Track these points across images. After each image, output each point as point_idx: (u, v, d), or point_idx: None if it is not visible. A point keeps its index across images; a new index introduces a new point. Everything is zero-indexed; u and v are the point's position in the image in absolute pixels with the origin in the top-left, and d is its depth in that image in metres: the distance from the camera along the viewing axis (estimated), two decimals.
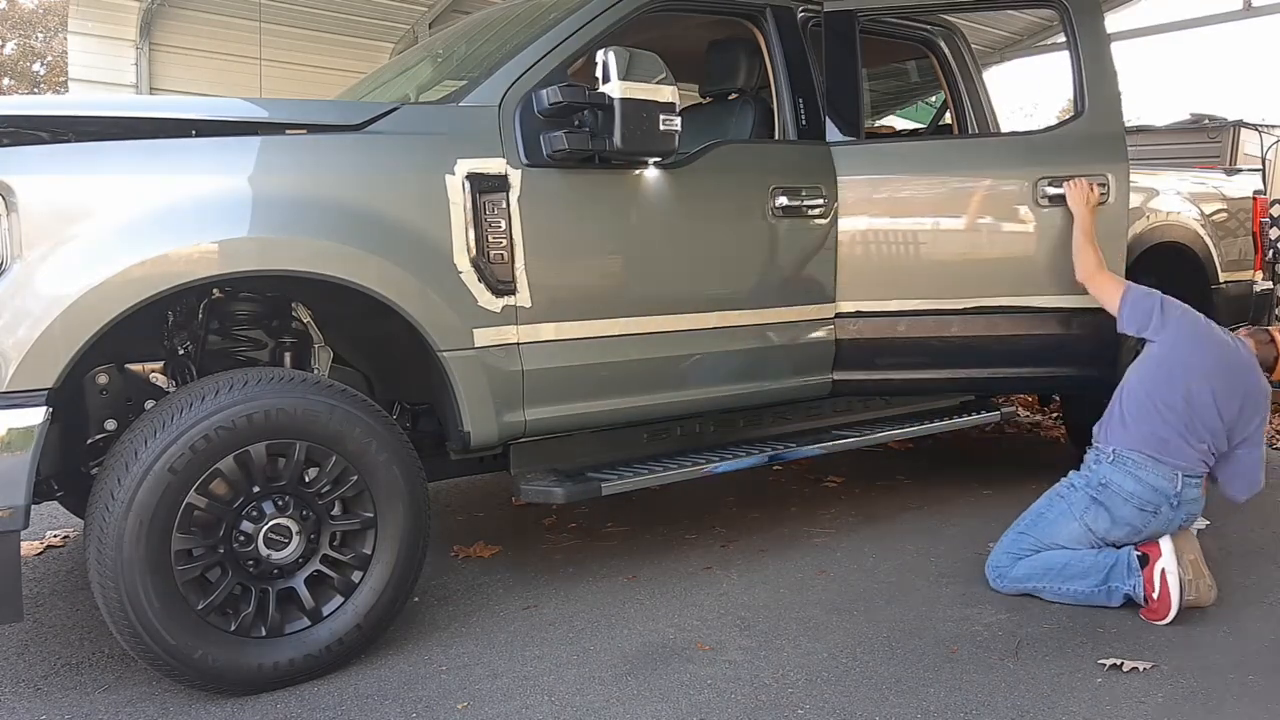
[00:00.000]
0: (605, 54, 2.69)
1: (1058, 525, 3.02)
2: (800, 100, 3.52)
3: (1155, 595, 2.82)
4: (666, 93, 2.75)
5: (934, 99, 6.40)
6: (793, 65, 3.53)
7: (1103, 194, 3.54)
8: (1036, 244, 3.68)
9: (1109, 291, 3.30)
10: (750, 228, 3.30)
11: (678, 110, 2.79)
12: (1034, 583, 2.98)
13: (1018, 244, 3.68)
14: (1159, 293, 3.19)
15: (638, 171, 3.02)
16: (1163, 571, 2.80)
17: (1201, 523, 3.41)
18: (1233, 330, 3.25)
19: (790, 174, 3.38)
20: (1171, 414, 2.95)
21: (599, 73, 2.70)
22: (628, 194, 3.03)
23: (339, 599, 2.54)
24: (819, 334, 3.46)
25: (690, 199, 3.15)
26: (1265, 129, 7.57)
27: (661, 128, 2.75)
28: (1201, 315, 3.17)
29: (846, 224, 3.48)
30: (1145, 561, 2.84)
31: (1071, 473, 3.12)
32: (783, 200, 3.32)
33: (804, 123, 3.52)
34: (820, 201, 3.41)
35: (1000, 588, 3.05)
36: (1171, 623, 2.86)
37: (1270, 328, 3.33)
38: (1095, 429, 3.14)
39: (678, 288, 3.14)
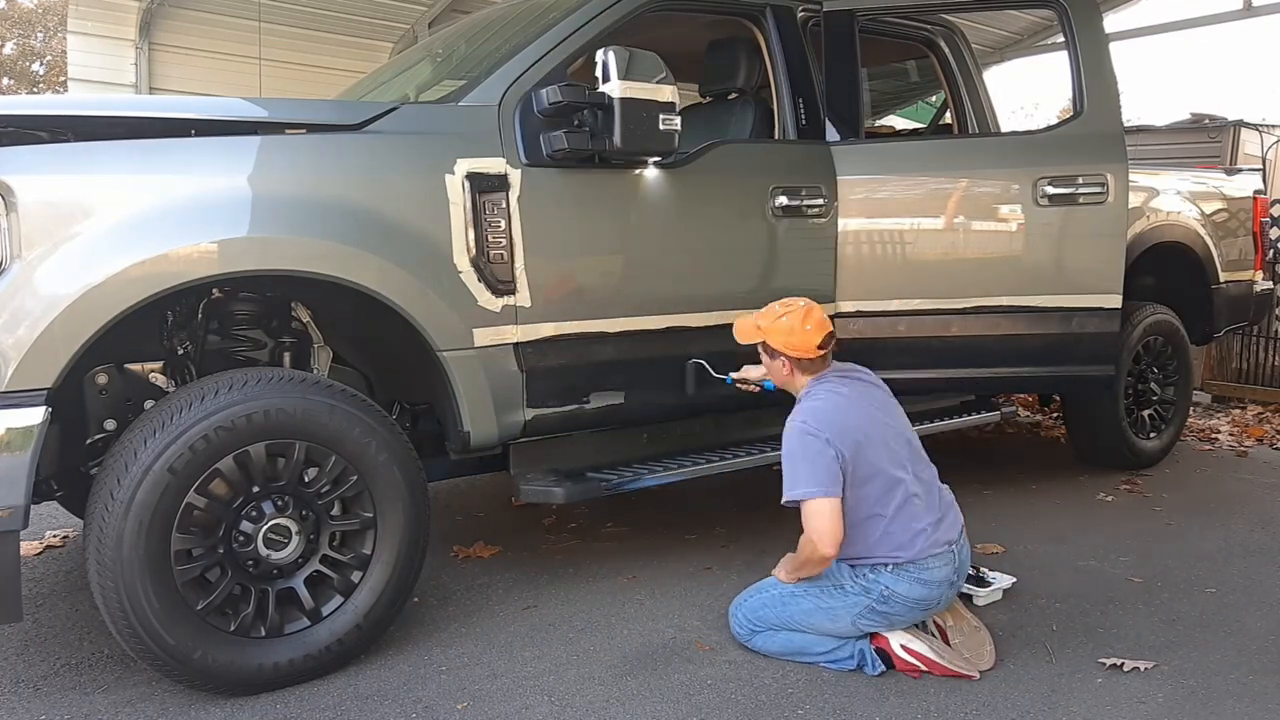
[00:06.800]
0: (605, 53, 2.70)
1: (822, 621, 2.60)
2: (800, 100, 3.53)
3: (917, 665, 2.57)
4: (666, 92, 2.76)
5: (934, 99, 6.41)
6: (792, 65, 3.54)
7: None
8: (1036, 243, 3.68)
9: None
10: (750, 227, 3.31)
11: (677, 110, 2.80)
12: (782, 658, 2.64)
13: (1017, 244, 3.69)
14: (814, 430, 2.55)
15: (637, 171, 3.03)
16: (903, 645, 2.57)
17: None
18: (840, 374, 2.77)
19: (790, 174, 3.38)
20: (902, 488, 2.56)
21: (599, 72, 2.71)
22: (627, 193, 3.03)
23: (339, 599, 2.54)
24: None
25: (690, 198, 3.16)
26: (1265, 129, 7.59)
27: (661, 127, 2.76)
28: (829, 386, 2.69)
29: (845, 224, 3.50)
30: (886, 659, 2.58)
31: (838, 570, 2.63)
32: (783, 200, 3.33)
33: (804, 122, 3.53)
34: (820, 201, 3.42)
35: (740, 641, 2.73)
36: (1170, 622, 2.86)
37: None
38: (858, 550, 2.59)
39: (677, 287, 3.14)
